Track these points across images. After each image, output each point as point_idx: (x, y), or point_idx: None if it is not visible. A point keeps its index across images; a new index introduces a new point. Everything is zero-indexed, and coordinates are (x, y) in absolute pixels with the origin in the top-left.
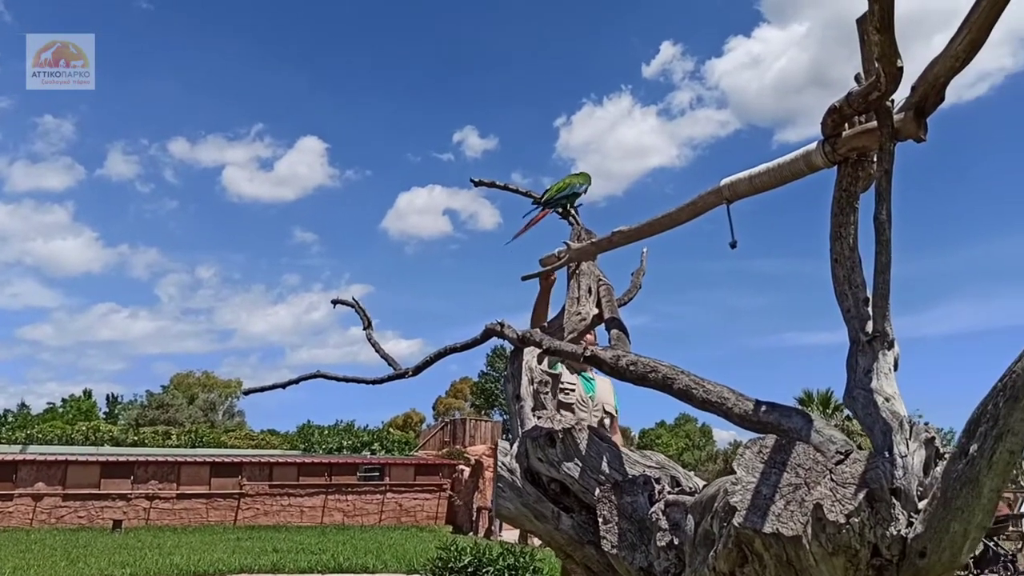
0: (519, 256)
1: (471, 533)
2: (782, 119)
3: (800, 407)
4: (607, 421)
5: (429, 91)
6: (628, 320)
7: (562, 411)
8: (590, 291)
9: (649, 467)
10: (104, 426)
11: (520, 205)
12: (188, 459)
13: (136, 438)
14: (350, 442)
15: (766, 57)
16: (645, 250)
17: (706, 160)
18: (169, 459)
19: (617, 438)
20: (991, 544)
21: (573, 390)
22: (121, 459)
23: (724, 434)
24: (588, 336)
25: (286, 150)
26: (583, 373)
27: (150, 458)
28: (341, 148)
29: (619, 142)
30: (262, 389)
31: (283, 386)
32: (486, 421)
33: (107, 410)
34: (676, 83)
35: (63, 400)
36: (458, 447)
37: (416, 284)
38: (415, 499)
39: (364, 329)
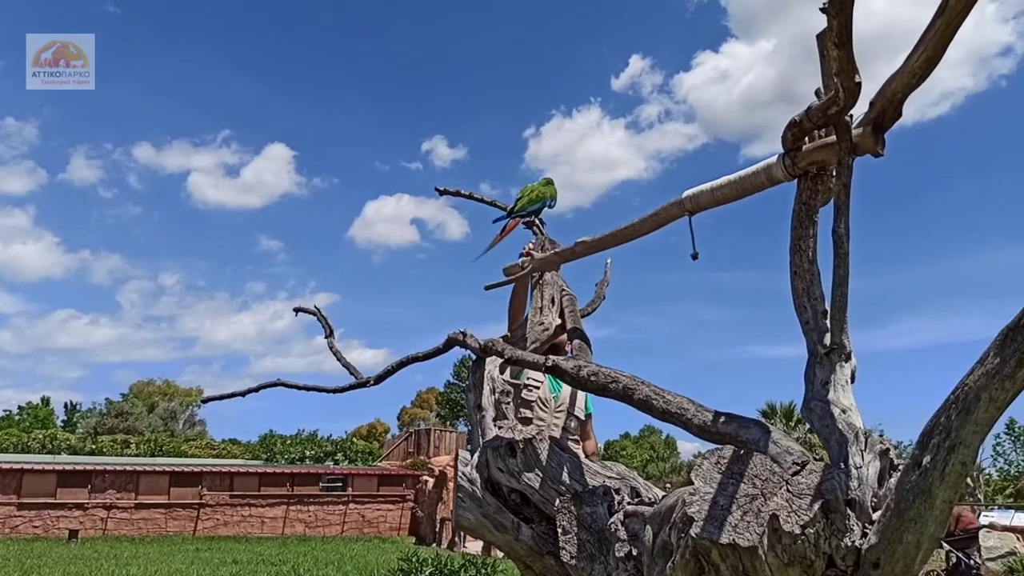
0: (487, 265)
1: (434, 544)
2: (749, 134)
3: (759, 419)
4: (572, 424)
5: (398, 100)
6: (593, 332)
7: (521, 409)
8: (553, 301)
9: (609, 478)
10: (61, 434)
11: (488, 215)
12: (147, 468)
13: (94, 447)
14: (313, 452)
15: (734, 72)
16: (609, 261)
17: (674, 173)
18: (127, 468)
19: (591, 442)
20: (964, 557)
21: (538, 387)
22: (78, 468)
23: (688, 446)
24: (562, 338)
25: (253, 157)
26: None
27: (108, 467)
28: (309, 156)
29: (588, 154)
30: (221, 397)
31: (242, 394)
32: (451, 431)
33: (65, 418)
34: (645, 96)
35: (20, 408)
36: (422, 458)
37: (383, 293)
38: (378, 510)
39: (326, 338)
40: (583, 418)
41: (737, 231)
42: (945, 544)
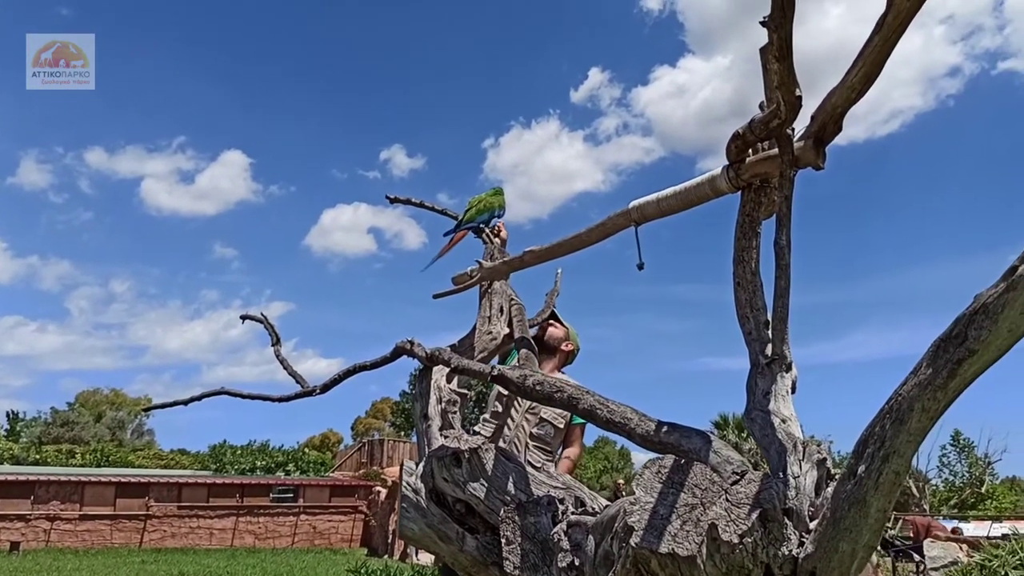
0: (442, 275)
1: (386, 556)
2: (704, 148)
3: (700, 429)
4: (546, 430)
5: (357, 108)
6: None
7: (495, 402)
8: (501, 310)
9: (555, 487)
10: (4, 444)
11: (445, 225)
12: (92, 479)
13: (38, 456)
14: (264, 462)
15: (690, 87)
16: (559, 271)
17: (630, 186)
18: (72, 479)
19: (573, 449)
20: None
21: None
22: (20, 478)
23: (643, 456)
24: (555, 332)
25: (208, 163)
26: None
27: (52, 477)
28: (265, 163)
29: (546, 165)
30: (163, 406)
31: (185, 403)
32: (405, 442)
33: (8, 427)
34: (603, 109)
35: None
36: (375, 468)
37: (339, 303)
38: (330, 521)
39: (272, 345)
40: (560, 426)
41: (692, 243)
42: (916, 555)
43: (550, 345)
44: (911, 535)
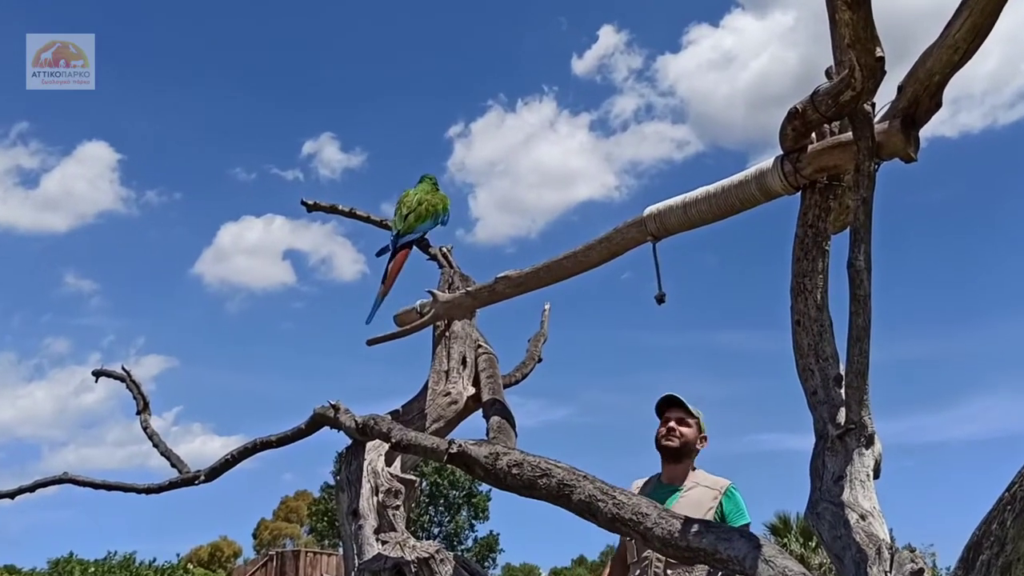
0: (382, 310)
1: None
2: (758, 140)
3: (745, 530)
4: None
5: (271, 82)
6: (542, 413)
7: None
8: (464, 362)
9: None
10: None
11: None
12: None
13: None
14: None
15: (739, 55)
16: (547, 306)
17: (655, 193)
18: None
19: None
20: None
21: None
22: None
23: None
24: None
25: (60, 160)
26: (667, 482)
27: None
28: (140, 159)
29: (537, 163)
30: None
31: (11, 496)
32: (330, 554)
33: None
34: (618, 85)
35: None
36: None
37: (240, 357)
38: None
39: (138, 413)
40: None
41: (749, 268)
42: None
43: (687, 450)
44: None
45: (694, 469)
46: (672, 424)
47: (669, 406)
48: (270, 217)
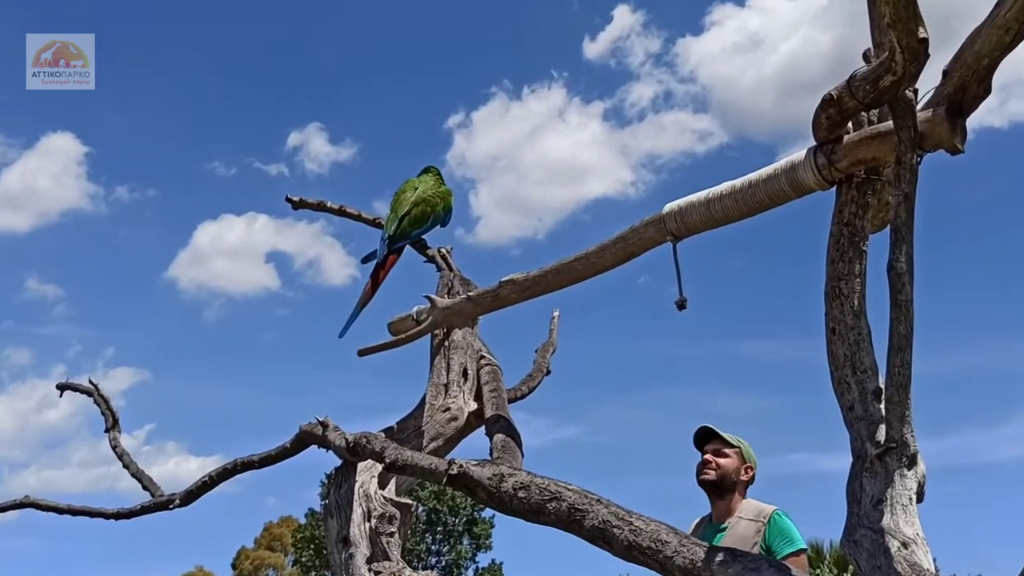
0: (373, 319)
1: None
2: (790, 131)
3: (775, 560)
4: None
5: (254, 68)
6: (551, 432)
7: None
8: (465, 374)
9: None
10: None
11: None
12: None
13: None
14: None
15: (768, 36)
16: (556, 314)
17: (674, 189)
18: None
19: None
20: None
21: None
22: None
23: None
24: None
25: (21, 153)
26: (716, 521)
27: None
28: (108, 152)
29: (544, 157)
30: None
31: None
32: None
33: None
34: (633, 70)
35: None
36: None
37: (219, 370)
38: None
39: (107, 431)
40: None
41: (782, 269)
42: None
43: (730, 483)
44: None
45: (744, 500)
46: (708, 456)
47: (706, 439)
48: (252, 216)
